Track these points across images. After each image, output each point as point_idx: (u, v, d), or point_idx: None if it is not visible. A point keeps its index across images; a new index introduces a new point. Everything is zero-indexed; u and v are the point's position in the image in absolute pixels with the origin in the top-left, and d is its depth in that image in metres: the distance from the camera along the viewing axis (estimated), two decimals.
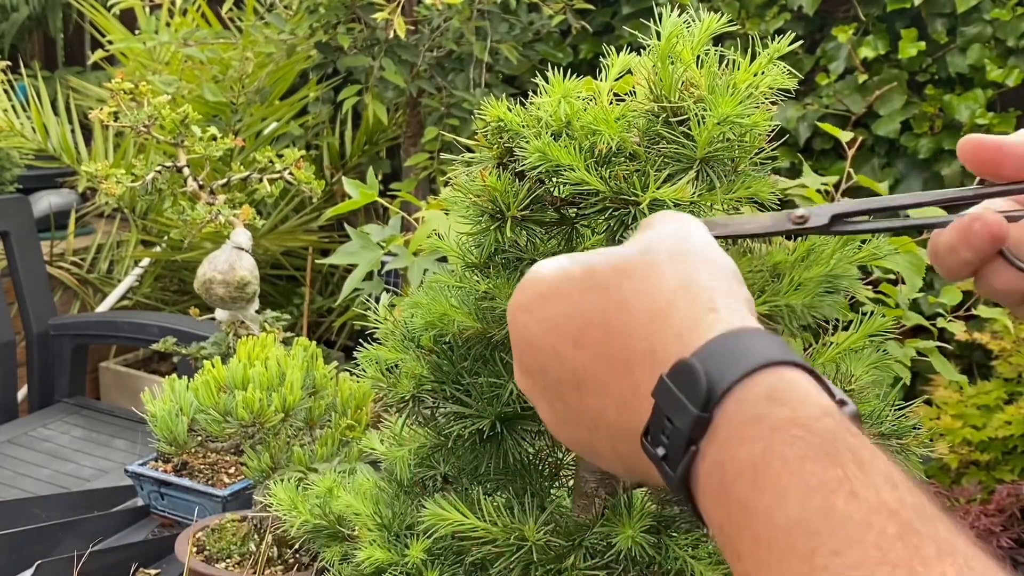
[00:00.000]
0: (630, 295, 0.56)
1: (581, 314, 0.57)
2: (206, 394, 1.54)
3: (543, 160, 0.78)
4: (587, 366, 0.56)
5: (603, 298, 0.56)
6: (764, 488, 0.47)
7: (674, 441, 0.51)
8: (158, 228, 3.93)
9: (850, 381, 0.77)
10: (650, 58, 0.78)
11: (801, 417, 0.48)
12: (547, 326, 0.58)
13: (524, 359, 0.60)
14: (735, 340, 0.51)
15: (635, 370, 0.54)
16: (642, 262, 0.57)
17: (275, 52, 3.53)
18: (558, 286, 0.59)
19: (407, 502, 0.94)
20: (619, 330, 0.55)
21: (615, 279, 0.57)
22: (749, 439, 0.48)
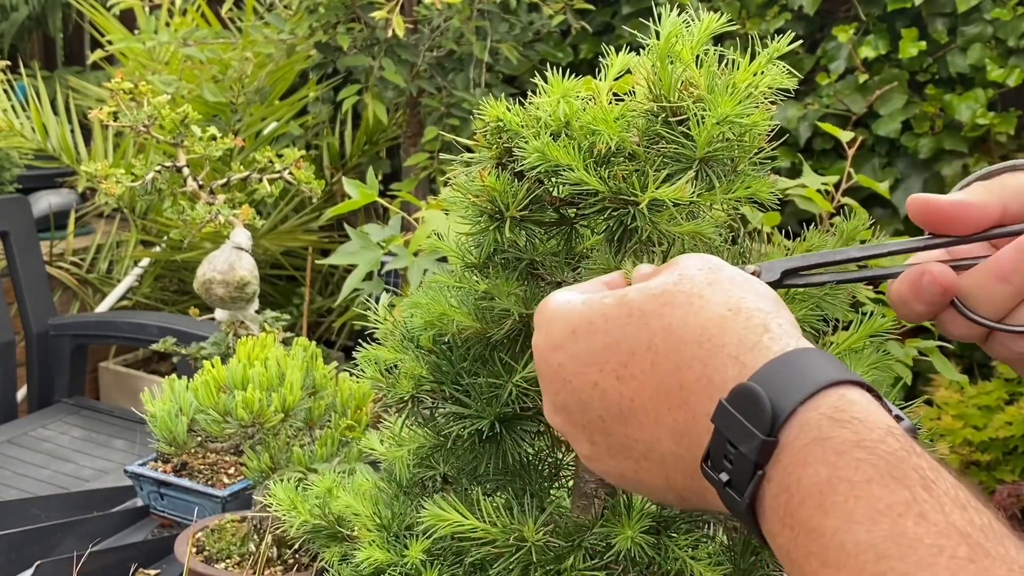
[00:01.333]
0: (675, 322, 0.55)
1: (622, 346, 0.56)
2: (206, 394, 1.54)
3: (542, 160, 0.78)
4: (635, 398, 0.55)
5: (645, 328, 0.56)
6: (831, 512, 0.47)
7: (739, 466, 0.51)
8: (158, 228, 3.93)
9: None
10: (649, 58, 0.78)
11: (865, 439, 0.48)
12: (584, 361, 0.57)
13: (559, 397, 0.59)
14: (793, 361, 0.51)
15: (690, 397, 0.53)
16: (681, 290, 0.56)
17: (275, 52, 3.53)
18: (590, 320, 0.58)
19: (406, 502, 0.94)
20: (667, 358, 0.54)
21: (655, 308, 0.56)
22: (814, 462, 0.48)
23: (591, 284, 0.63)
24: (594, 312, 0.58)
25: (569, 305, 0.59)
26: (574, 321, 0.59)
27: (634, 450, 0.57)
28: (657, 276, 0.59)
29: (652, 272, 0.61)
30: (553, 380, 0.59)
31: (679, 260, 0.60)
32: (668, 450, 0.55)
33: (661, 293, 0.57)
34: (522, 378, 0.83)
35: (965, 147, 3.13)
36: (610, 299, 0.58)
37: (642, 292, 0.57)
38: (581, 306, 0.59)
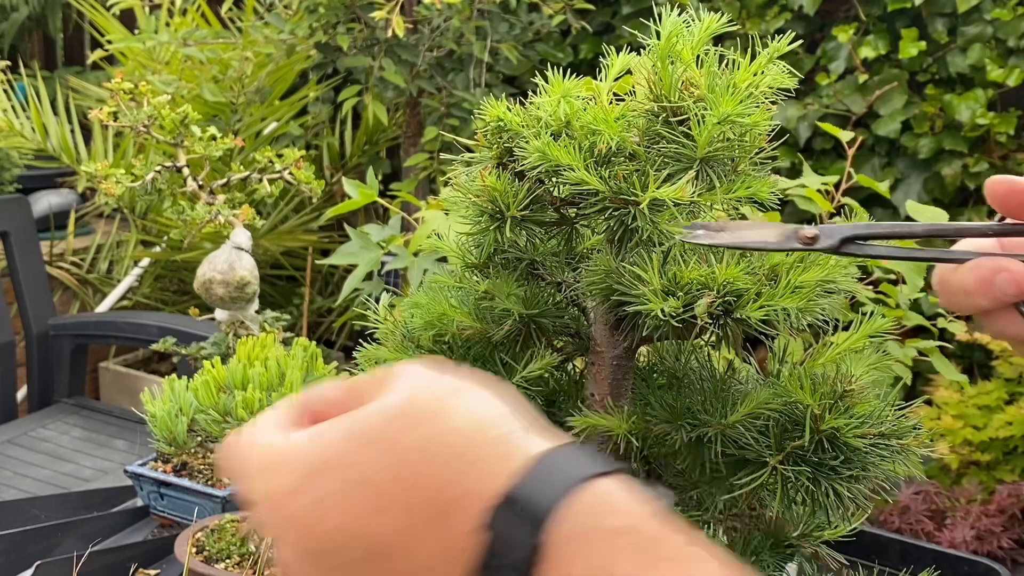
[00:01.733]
0: (424, 442, 0.52)
1: (371, 479, 0.52)
2: (206, 394, 1.54)
3: (543, 160, 0.78)
4: (397, 530, 0.52)
5: (389, 452, 0.52)
6: None
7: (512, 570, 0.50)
8: (158, 228, 3.93)
9: (850, 381, 0.77)
10: (650, 58, 0.78)
11: (620, 527, 0.49)
12: (333, 502, 0.53)
13: (303, 544, 0.54)
14: (549, 462, 0.51)
15: (456, 517, 0.51)
16: (420, 408, 0.53)
17: (275, 52, 3.53)
18: (327, 455, 0.53)
19: None
20: (425, 483, 0.52)
21: (395, 431, 0.53)
22: (582, 555, 0.49)
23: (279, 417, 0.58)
24: (329, 446, 0.54)
25: (297, 443, 0.54)
26: (309, 460, 0.54)
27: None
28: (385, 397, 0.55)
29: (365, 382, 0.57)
30: (295, 527, 0.54)
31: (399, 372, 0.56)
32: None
33: (403, 413, 0.53)
34: (522, 378, 0.83)
35: (965, 147, 3.14)
36: (340, 430, 0.54)
37: (378, 415, 0.54)
38: (311, 441, 0.54)
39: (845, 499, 0.77)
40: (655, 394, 0.80)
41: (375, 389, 0.56)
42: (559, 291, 0.88)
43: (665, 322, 0.74)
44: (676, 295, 0.74)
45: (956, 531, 2.41)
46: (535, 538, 0.49)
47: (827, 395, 0.76)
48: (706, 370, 0.86)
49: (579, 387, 0.88)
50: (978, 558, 1.75)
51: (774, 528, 0.89)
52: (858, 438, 0.75)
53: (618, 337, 0.83)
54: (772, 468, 0.75)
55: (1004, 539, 2.40)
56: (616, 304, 0.80)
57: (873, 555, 1.66)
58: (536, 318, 0.83)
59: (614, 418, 0.79)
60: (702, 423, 0.77)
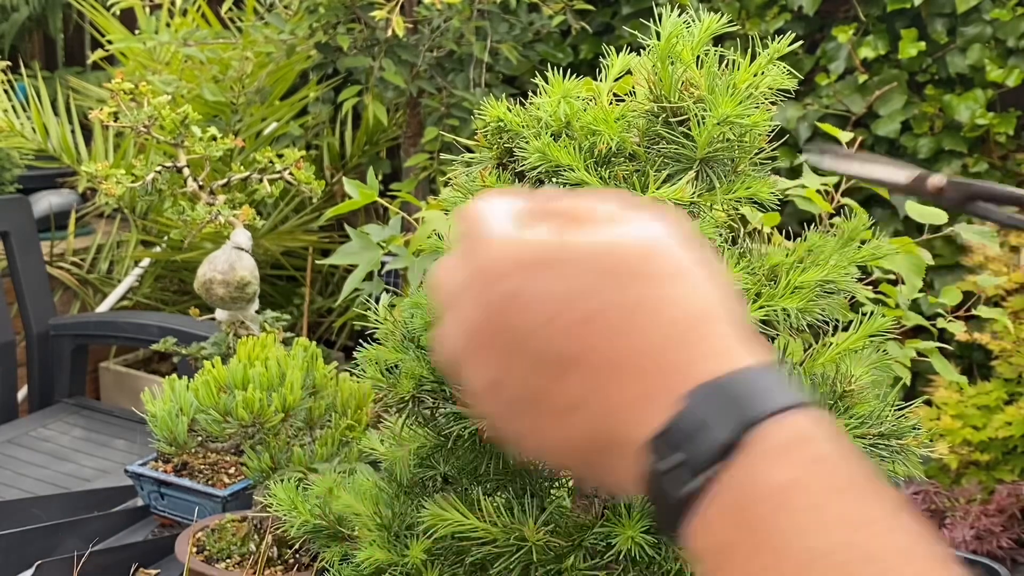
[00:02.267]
0: (655, 294, 0.51)
1: (594, 296, 0.51)
2: (206, 394, 1.54)
3: (543, 160, 0.78)
4: (592, 352, 0.51)
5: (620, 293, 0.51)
6: (792, 513, 0.46)
7: (694, 454, 0.48)
8: (158, 228, 3.93)
9: (850, 381, 0.77)
10: (650, 58, 0.78)
11: (837, 454, 0.48)
12: (545, 296, 0.51)
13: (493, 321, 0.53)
14: (775, 375, 0.50)
15: (649, 380, 0.50)
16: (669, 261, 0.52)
17: (275, 52, 3.53)
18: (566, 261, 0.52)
19: (407, 502, 0.94)
20: (640, 336, 0.50)
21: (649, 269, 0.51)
22: (782, 465, 0.47)
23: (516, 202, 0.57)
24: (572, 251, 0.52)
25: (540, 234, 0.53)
26: (549, 252, 0.52)
27: (552, 403, 0.52)
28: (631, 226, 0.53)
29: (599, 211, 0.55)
30: (496, 301, 0.52)
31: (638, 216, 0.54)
32: (596, 413, 0.51)
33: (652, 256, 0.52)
34: None
35: (964, 147, 3.14)
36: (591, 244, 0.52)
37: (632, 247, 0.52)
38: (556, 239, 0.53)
39: None
40: None
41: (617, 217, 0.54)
42: None
43: None
44: None
45: (956, 531, 2.41)
46: (737, 434, 0.48)
47: (827, 395, 0.76)
48: None
49: None
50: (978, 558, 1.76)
51: None
52: (858, 438, 0.75)
53: None
54: None
55: (1004, 539, 2.40)
56: None
57: None
58: None
59: None
60: None
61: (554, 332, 0.51)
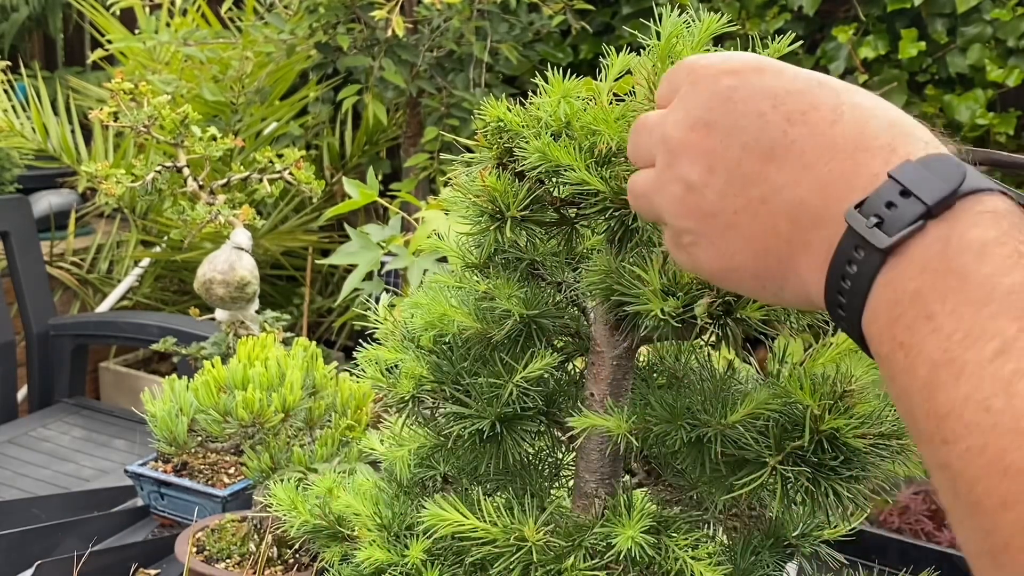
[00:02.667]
0: (866, 103, 0.58)
1: (806, 97, 0.58)
2: (206, 394, 1.54)
3: (543, 160, 0.78)
4: (796, 141, 0.57)
5: (834, 94, 0.58)
6: (988, 260, 0.48)
7: (903, 211, 0.52)
8: (158, 228, 3.93)
9: (850, 381, 0.77)
10: (650, 58, 0.78)
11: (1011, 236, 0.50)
12: (759, 92, 0.59)
13: (708, 113, 0.60)
14: (973, 168, 0.53)
15: (861, 156, 0.55)
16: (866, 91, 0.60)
17: (275, 52, 3.53)
18: (781, 67, 0.61)
19: (407, 502, 0.94)
20: (852, 124, 0.56)
21: (847, 87, 0.59)
22: (984, 225, 0.50)
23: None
24: (785, 65, 0.61)
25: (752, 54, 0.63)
26: (762, 60, 0.61)
27: (756, 188, 0.58)
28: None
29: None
30: (714, 96, 0.60)
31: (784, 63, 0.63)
32: (799, 196, 0.56)
33: (851, 85, 0.60)
34: (522, 378, 0.83)
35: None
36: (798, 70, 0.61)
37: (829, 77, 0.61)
38: (769, 57, 0.62)
39: (845, 499, 0.77)
40: (655, 394, 0.80)
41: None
42: (559, 291, 0.88)
43: (665, 322, 0.74)
44: (676, 295, 0.74)
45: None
46: (952, 195, 0.51)
47: (827, 395, 0.76)
48: (706, 370, 0.86)
49: (579, 387, 0.88)
50: None
51: (774, 528, 0.89)
52: (858, 438, 0.75)
53: (618, 337, 0.83)
54: (772, 468, 0.75)
55: None
56: (616, 304, 0.80)
57: (873, 555, 1.66)
58: (536, 318, 0.84)
59: (614, 418, 0.79)
60: (702, 423, 0.77)
61: (772, 120, 0.58)
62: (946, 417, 0.47)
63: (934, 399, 0.48)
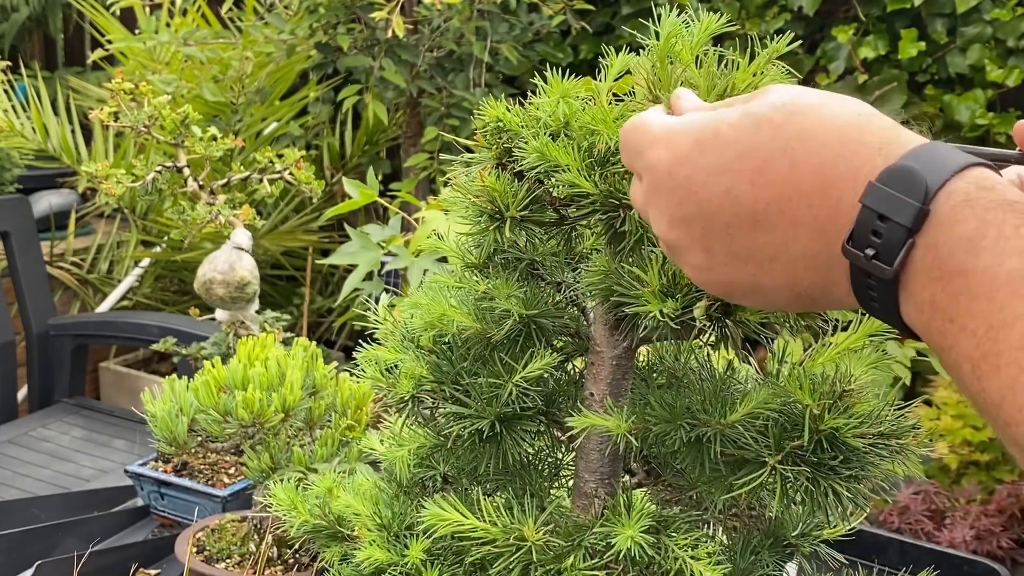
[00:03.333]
0: (809, 127, 0.58)
1: (756, 153, 0.58)
2: (206, 394, 1.54)
3: (542, 160, 0.78)
4: (770, 203, 0.58)
5: (778, 135, 0.58)
6: (981, 253, 0.51)
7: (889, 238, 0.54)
8: (158, 228, 3.93)
9: (850, 381, 0.77)
10: (649, 58, 0.78)
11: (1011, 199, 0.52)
12: (714, 171, 0.59)
13: (681, 209, 0.61)
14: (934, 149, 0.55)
15: (833, 193, 0.56)
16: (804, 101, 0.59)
17: (275, 52, 3.53)
18: (716, 131, 0.60)
19: (407, 502, 0.94)
20: (806, 162, 0.57)
21: (785, 116, 0.59)
22: (961, 220, 0.52)
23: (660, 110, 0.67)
24: (719, 124, 0.60)
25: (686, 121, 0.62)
26: (697, 133, 0.61)
27: (759, 255, 0.59)
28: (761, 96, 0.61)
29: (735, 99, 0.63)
30: (676, 192, 0.61)
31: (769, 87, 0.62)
32: (802, 248, 0.58)
33: (784, 104, 0.59)
34: (522, 378, 0.83)
35: None
36: (731, 113, 0.60)
37: (763, 105, 0.60)
38: (701, 119, 0.61)
39: (844, 499, 0.77)
40: (654, 394, 0.81)
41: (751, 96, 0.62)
42: (559, 291, 0.88)
43: (664, 323, 0.74)
44: (675, 296, 0.74)
45: (956, 531, 2.41)
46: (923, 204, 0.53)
47: (826, 395, 0.76)
48: (706, 370, 0.86)
49: (578, 387, 0.88)
50: (978, 558, 1.76)
51: (773, 527, 0.89)
52: (857, 438, 0.75)
53: (617, 337, 0.83)
54: (771, 468, 0.75)
55: (1004, 539, 2.40)
56: (616, 304, 0.80)
57: (873, 555, 1.66)
58: (536, 318, 0.84)
59: (613, 418, 0.80)
60: (701, 423, 0.77)
61: (737, 194, 0.59)
62: (1000, 404, 0.50)
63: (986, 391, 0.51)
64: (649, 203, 0.64)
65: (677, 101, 0.68)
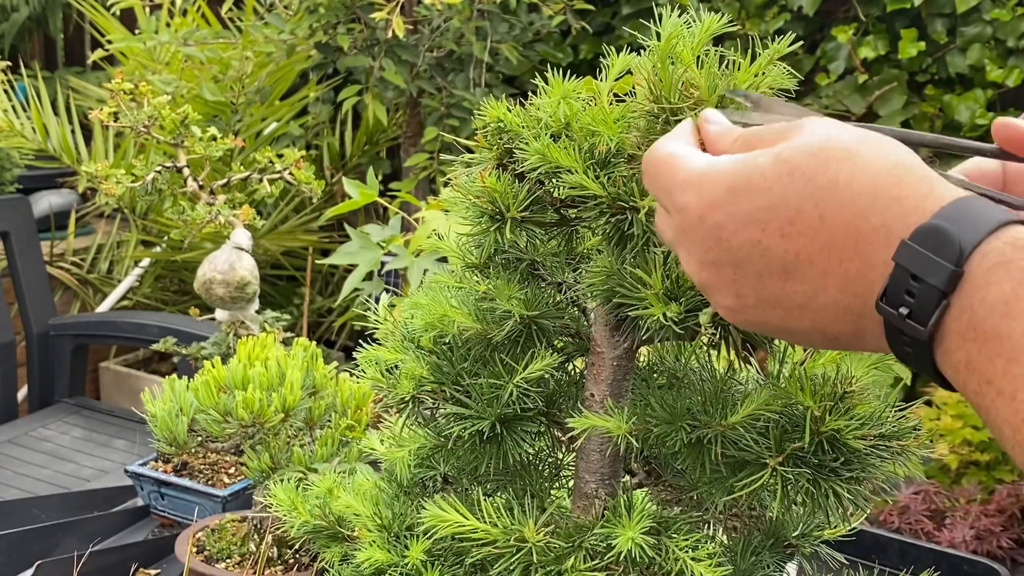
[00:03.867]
0: (843, 176, 0.57)
1: (787, 203, 0.58)
2: (206, 394, 1.54)
3: (543, 162, 0.78)
4: (800, 253, 0.57)
5: (809, 184, 0.57)
6: (1018, 317, 0.50)
7: (922, 298, 0.53)
8: (158, 228, 3.93)
9: (851, 382, 0.77)
10: (650, 59, 0.78)
11: None
12: (744, 220, 0.59)
13: (710, 255, 0.61)
14: (969, 204, 0.54)
15: (865, 248, 0.56)
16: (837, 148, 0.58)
17: (275, 52, 3.53)
18: (748, 178, 0.59)
19: (407, 503, 0.94)
20: (838, 214, 0.56)
21: (817, 164, 0.57)
22: (997, 281, 0.51)
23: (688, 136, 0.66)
24: (751, 171, 0.59)
25: (718, 165, 0.61)
26: (730, 180, 0.60)
27: (788, 301, 0.59)
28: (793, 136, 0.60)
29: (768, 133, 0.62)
30: (706, 239, 0.61)
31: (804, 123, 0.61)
32: (832, 299, 0.58)
33: (819, 150, 0.58)
34: (522, 379, 0.83)
35: None
36: (764, 158, 0.59)
37: (797, 150, 0.58)
38: (733, 165, 0.60)
39: (845, 500, 0.77)
40: (655, 395, 0.80)
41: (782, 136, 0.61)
42: (559, 292, 0.88)
43: (668, 327, 0.74)
44: (679, 300, 0.74)
45: (956, 531, 2.41)
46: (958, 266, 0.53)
47: (827, 396, 0.76)
48: (706, 371, 0.86)
49: (579, 387, 0.88)
50: (978, 558, 1.76)
51: (774, 528, 0.89)
52: (858, 440, 0.75)
53: (618, 338, 0.83)
54: (772, 469, 0.75)
55: (1004, 539, 2.40)
56: (617, 305, 0.80)
57: (873, 555, 1.66)
58: (536, 319, 0.84)
59: (614, 419, 0.79)
60: (702, 424, 0.77)
61: (768, 245, 0.58)
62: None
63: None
64: (679, 242, 0.64)
65: (706, 125, 0.67)
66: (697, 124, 0.68)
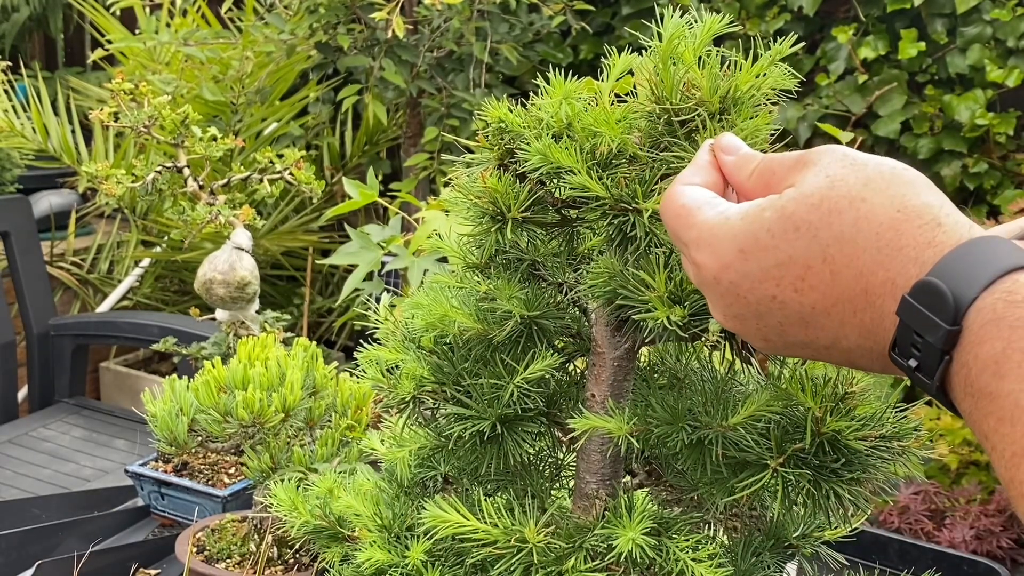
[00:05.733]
0: (847, 230, 0.58)
1: (796, 261, 0.59)
2: (206, 394, 1.54)
3: (544, 162, 0.78)
4: (815, 306, 0.59)
5: (815, 240, 0.59)
6: (1006, 376, 0.51)
7: (926, 353, 0.55)
8: (158, 228, 3.93)
9: (851, 383, 0.77)
10: (652, 59, 0.78)
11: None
12: (758, 279, 0.61)
13: (732, 309, 0.63)
14: (969, 252, 0.55)
15: (876, 300, 0.57)
16: (840, 195, 0.59)
17: (275, 52, 3.53)
18: (756, 237, 0.60)
19: (407, 503, 0.94)
20: (847, 268, 0.58)
21: (820, 218, 0.58)
22: (989, 339, 0.52)
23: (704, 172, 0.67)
24: (758, 230, 0.61)
25: (728, 223, 0.62)
26: (740, 240, 0.61)
27: (815, 344, 0.62)
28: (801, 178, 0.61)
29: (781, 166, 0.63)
30: (725, 296, 0.63)
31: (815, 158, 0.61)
32: (854, 344, 0.60)
33: (821, 201, 0.59)
34: (523, 379, 0.83)
35: (964, 147, 3.14)
36: (770, 213, 0.60)
37: (801, 203, 0.59)
38: (742, 223, 0.61)
39: (846, 501, 0.77)
40: (656, 395, 0.80)
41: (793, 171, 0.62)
42: (560, 292, 0.88)
43: (672, 331, 0.74)
44: (683, 303, 0.74)
45: (956, 531, 2.41)
46: (952, 325, 0.54)
47: (828, 397, 0.75)
48: (707, 371, 0.86)
49: (580, 388, 0.88)
50: (978, 558, 1.75)
51: (774, 529, 0.89)
52: (859, 441, 0.75)
53: (619, 338, 0.83)
54: (773, 470, 0.75)
55: (1004, 539, 2.40)
56: (619, 307, 0.80)
57: (873, 555, 1.66)
58: (537, 319, 0.84)
59: (615, 419, 0.79)
60: (703, 425, 0.77)
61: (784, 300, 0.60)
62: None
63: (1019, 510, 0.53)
64: (703, 291, 0.66)
65: (722, 156, 0.68)
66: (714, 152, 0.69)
